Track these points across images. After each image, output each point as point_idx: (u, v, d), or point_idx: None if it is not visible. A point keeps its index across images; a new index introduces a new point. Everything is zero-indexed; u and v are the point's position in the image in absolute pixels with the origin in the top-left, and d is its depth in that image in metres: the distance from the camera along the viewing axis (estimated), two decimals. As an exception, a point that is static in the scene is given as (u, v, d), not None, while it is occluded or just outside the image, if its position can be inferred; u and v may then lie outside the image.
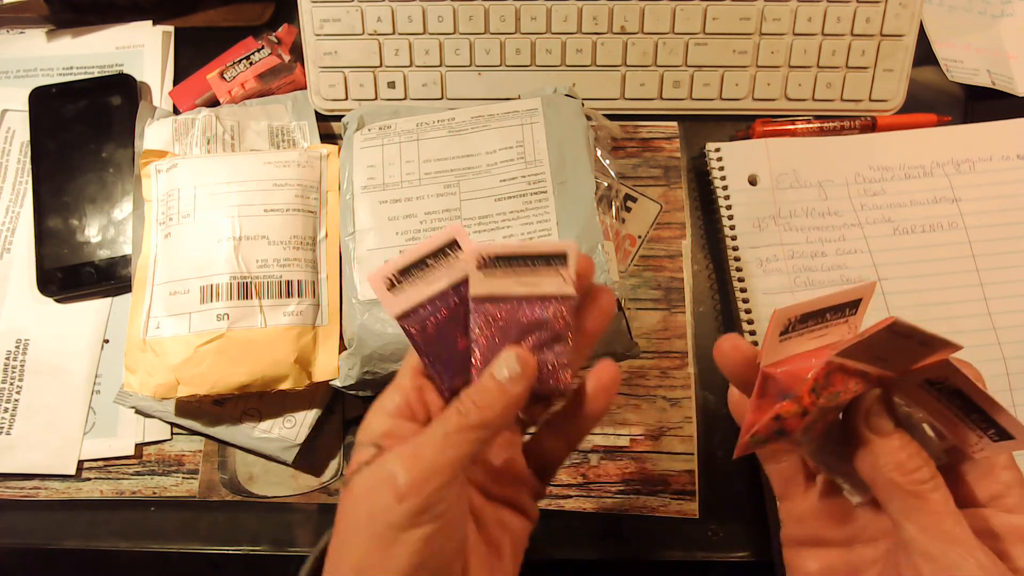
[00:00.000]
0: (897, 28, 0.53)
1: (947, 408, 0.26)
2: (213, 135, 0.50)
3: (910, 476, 0.25)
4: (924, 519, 0.25)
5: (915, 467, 0.25)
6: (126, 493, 0.47)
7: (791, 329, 0.26)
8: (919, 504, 0.25)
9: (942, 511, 0.25)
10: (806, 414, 0.26)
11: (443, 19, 0.53)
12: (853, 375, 0.26)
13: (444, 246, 0.28)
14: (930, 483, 0.25)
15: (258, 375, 0.44)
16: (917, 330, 0.24)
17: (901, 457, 0.25)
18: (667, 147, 0.54)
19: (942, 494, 0.25)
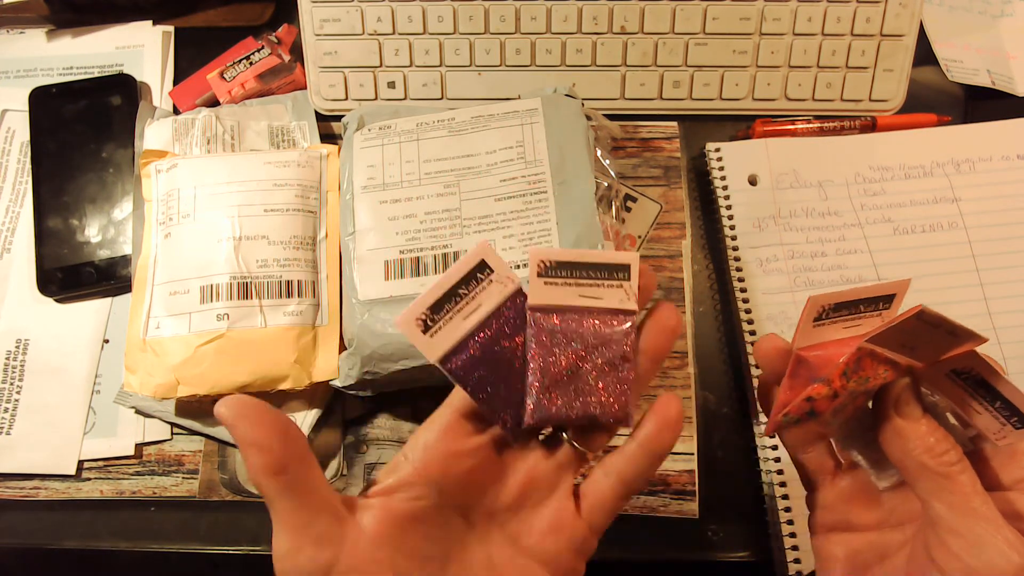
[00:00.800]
0: (897, 28, 0.53)
1: (971, 397, 0.27)
2: (213, 135, 0.50)
3: (939, 458, 0.26)
4: (952, 498, 0.26)
5: (943, 450, 0.26)
6: (126, 493, 0.47)
7: (824, 316, 0.27)
8: (947, 484, 0.26)
9: (970, 491, 0.25)
10: (836, 396, 0.27)
11: (443, 19, 0.53)
12: (883, 362, 0.27)
13: (474, 271, 0.26)
14: (958, 465, 0.26)
15: (258, 375, 0.44)
16: (944, 319, 0.25)
17: (930, 441, 0.26)
18: (667, 147, 0.54)
19: (969, 475, 0.26)
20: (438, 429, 0.28)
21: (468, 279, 0.26)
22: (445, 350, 0.26)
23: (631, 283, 0.27)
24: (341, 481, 0.47)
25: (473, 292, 0.26)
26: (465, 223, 0.45)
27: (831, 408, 0.28)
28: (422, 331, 0.26)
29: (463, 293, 0.26)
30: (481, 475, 0.28)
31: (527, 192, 0.45)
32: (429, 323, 0.26)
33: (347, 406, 0.49)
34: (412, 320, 0.26)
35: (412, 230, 0.45)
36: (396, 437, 0.48)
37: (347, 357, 0.45)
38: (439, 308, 0.26)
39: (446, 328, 0.26)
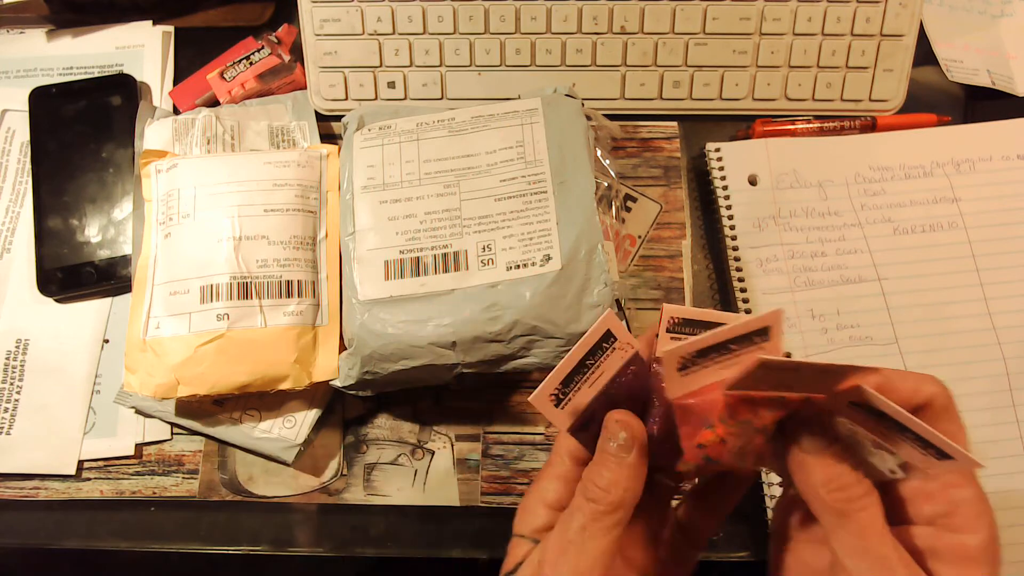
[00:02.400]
0: (897, 28, 0.53)
1: (883, 427, 0.25)
2: (213, 135, 0.50)
3: (836, 494, 0.25)
4: (848, 538, 0.25)
5: (844, 485, 0.25)
6: (126, 493, 0.47)
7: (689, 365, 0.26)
8: (844, 523, 0.25)
9: (868, 530, 0.24)
10: (725, 441, 0.26)
11: (443, 19, 0.53)
12: (762, 404, 0.26)
13: (600, 341, 0.27)
14: (859, 501, 0.25)
15: (258, 375, 0.44)
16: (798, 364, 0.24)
17: (830, 474, 0.25)
18: (667, 147, 0.54)
19: (871, 513, 0.25)
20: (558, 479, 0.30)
21: (595, 350, 0.27)
22: (574, 419, 0.27)
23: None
24: (341, 481, 0.47)
25: (598, 361, 0.27)
26: (465, 223, 0.45)
27: (726, 453, 0.27)
28: (555, 405, 0.27)
29: (590, 364, 0.27)
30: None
31: (527, 192, 0.45)
32: (560, 396, 0.27)
33: (347, 406, 0.49)
34: (546, 397, 0.27)
35: (412, 230, 0.45)
36: (396, 437, 0.48)
37: (347, 357, 0.45)
38: (569, 381, 0.27)
39: (575, 398, 0.27)
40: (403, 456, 0.48)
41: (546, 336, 0.42)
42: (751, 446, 0.27)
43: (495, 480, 0.47)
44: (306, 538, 0.47)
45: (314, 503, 0.47)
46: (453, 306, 0.43)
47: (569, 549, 0.26)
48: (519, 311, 0.42)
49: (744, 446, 0.27)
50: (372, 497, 0.47)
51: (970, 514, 0.25)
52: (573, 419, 0.28)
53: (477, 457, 0.48)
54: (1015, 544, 0.45)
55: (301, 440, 0.46)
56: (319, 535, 0.47)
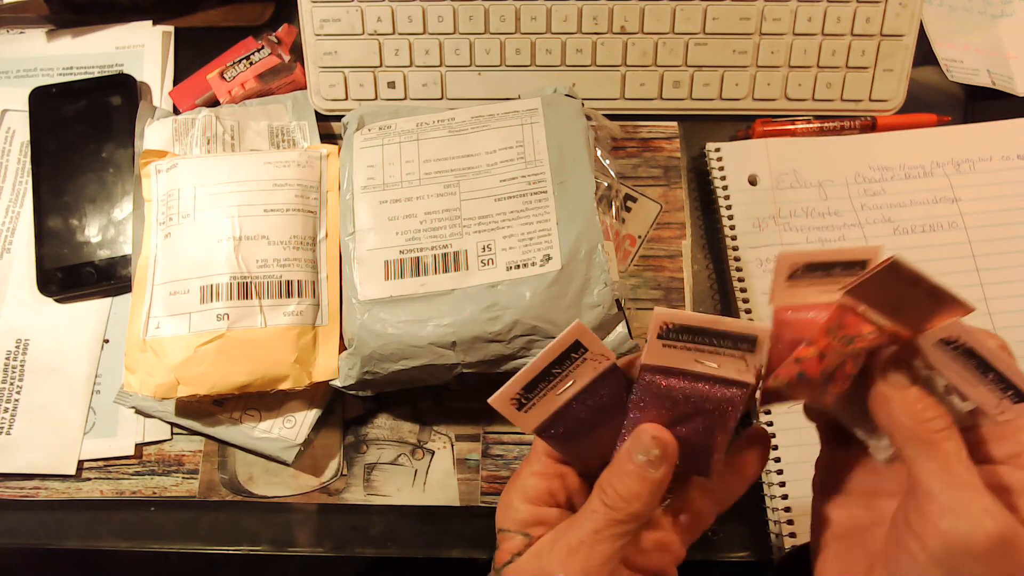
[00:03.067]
0: (897, 28, 0.53)
1: (965, 368, 0.26)
2: (213, 135, 0.50)
3: (924, 424, 0.25)
4: (933, 464, 0.25)
5: (929, 417, 0.26)
6: (126, 493, 0.47)
7: (798, 275, 0.26)
8: (930, 450, 0.25)
9: (953, 457, 0.25)
10: (823, 357, 0.27)
11: (443, 19, 0.53)
12: (866, 321, 0.26)
13: (568, 351, 0.27)
14: (943, 432, 0.25)
15: (258, 375, 0.44)
16: (921, 277, 0.24)
17: (916, 407, 0.26)
18: (667, 147, 0.54)
19: (955, 443, 0.25)
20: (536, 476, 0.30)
21: (562, 359, 0.27)
22: (538, 423, 0.28)
23: (755, 356, 0.26)
24: (341, 481, 0.47)
25: (567, 370, 0.27)
26: (465, 223, 0.45)
27: (820, 370, 0.27)
28: (516, 408, 0.27)
29: (556, 372, 0.27)
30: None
31: (527, 192, 0.45)
32: (523, 401, 0.27)
33: (347, 406, 0.49)
34: (506, 400, 0.27)
35: (412, 230, 0.45)
36: (396, 437, 0.48)
37: (347, 357, 0.45)
38: (533, 387, 0.27)
39: (540, 404, 0.27)
40: (403, 456, 0.48)
41: (546, 336, 0.42)
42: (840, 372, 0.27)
43: (495, 480, 0.47)
44: (306, 538, 0.47)
45: (314, 503, 0.47)
46: (453, 306, 0.43)
47: (581, 549, 0.27)
48: (519, 311, 0.42)
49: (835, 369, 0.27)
50: (372, 497, 0.47)
51: None
52: (538, 423, 0.28)
53: (477, 457, 0.48)
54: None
55: (301, 440, 0.46)
56: (319, 535, 0.47)
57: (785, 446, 0.45)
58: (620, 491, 0.27)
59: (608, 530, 0.27)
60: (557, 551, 0.27)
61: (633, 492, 0.27)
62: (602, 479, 0.28)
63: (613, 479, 0.27)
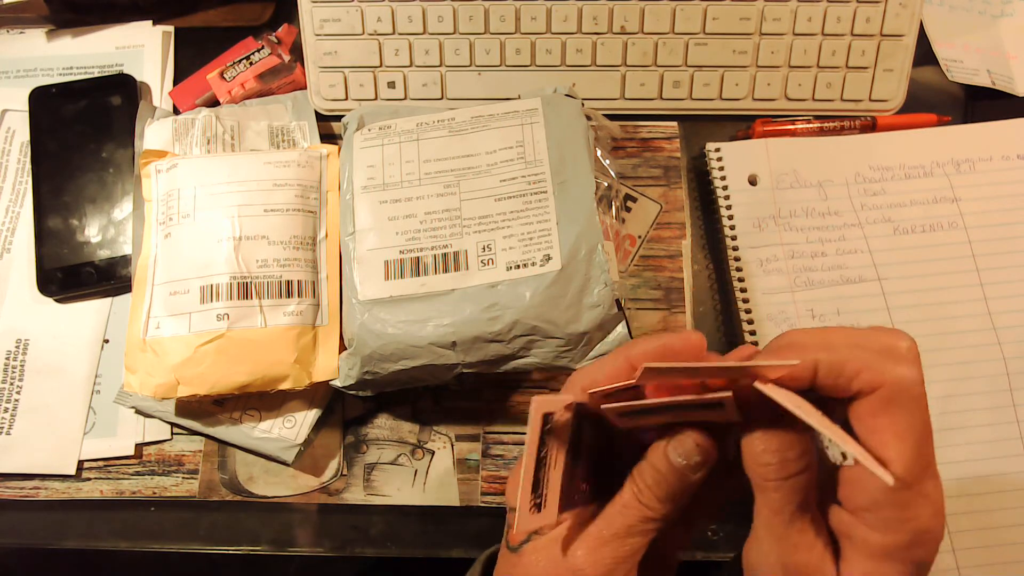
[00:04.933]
0: (897, 28, 0.53)
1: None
2: (213, 135, 0.50)
3: (760, 468, 0.25)
4: (763, 510, 0.26)
5: (766, 461, 0.25)
6: (126, 493, 0.47)
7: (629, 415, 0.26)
8: (761, 496, 0.26)
9: (776, 508, 0.25)
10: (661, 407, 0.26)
11: (443, 19, 0.53)
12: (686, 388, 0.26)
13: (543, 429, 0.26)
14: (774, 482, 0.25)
15: (258, 375, 0.44)
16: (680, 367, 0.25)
17: (757, 449, 0.25)
18: (667, 147, 0.54)
19: (783, 494, 0.25)
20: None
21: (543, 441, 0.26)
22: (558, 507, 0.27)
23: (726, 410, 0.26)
24: (341, 481, 0.47)
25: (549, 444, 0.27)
26: (465, 223, 0.45)
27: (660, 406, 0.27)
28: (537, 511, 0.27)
29: (543, 455, 0.27)
30: None
31: (527, 192, 0.45)
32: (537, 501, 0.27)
33: (347, 406, 0.49)
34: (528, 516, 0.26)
35: (412, 230, 0.45)
36: (396, 437, 0.48)
37: (347, 357, 0.45)
38: (537, 485, 0.26)
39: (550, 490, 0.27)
40: (403, 456, 0.48)
41: (546, 336, 0.42)
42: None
43: (495, 480, 0.47)
44: (306, 538, 0.47)
45: (314, 503, 0.47)
46: (453, 306, 0.43)
47: (612, 542, 0.27)
48: (519, 311, 0.42)
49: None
50: (372, 497, 0.47)
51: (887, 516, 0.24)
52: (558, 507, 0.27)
53: (477, 457, 0.47)
54: (1016, 544, 0.45)
55: (301, 440, 0.46)
56: (319, 535, 0.47)
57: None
58: (656, 491, 0.27)
59: (641, 526, 0.27)
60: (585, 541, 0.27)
61: (669, 492, 0.27)
62: (636, 476, 0.27)
63: (648, 478, 0.27)
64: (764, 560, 0.26)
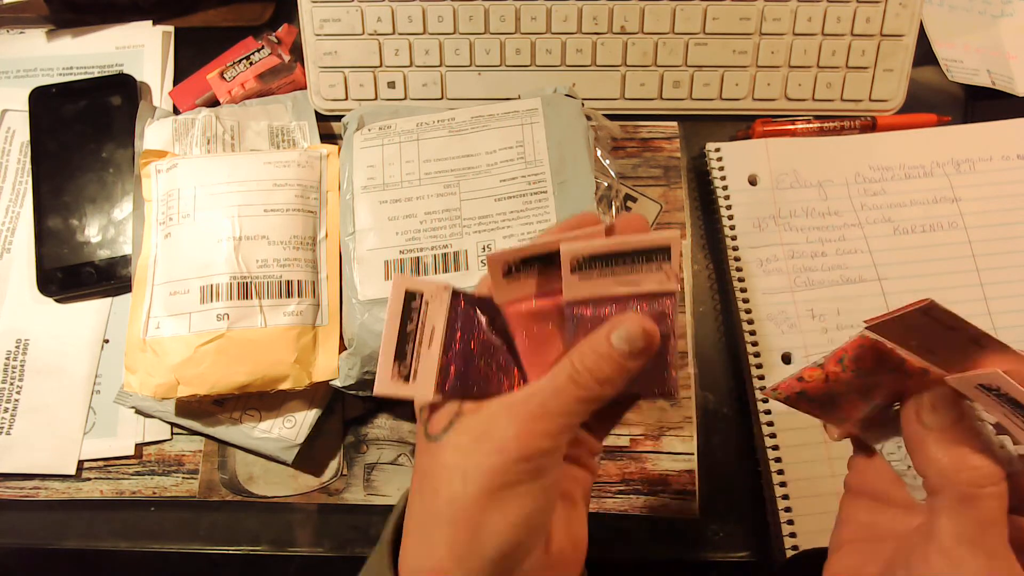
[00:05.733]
0: (897, 28, 0.53)
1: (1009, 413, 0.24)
2: (213, 135, 0.50)
3: (965, 475, 0.24)
4: (966, 524, 0.23)
5: (972, 466, 0.24)
6: (126, 493, 0.47)
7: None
8: (965, 508, 0.23)
9: (987, 519, 0.23)
10: (828, 381, 0.26)
11: (443, 19, 0.53)
12: (891, 357, 0.26)
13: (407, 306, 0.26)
14: (987, 489, 0.23)
15: (258, 375, 0.44)
16: (960, 322, 0.23)
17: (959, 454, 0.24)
18: (667, 147, 0.54)
19: (996, 503, 0.23)
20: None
21: (406, 316, 0.26)
22: (434, 384, 0.27)
23: (671, 264, 0.26)
24: (341, 481, 0.47)
25: (419, 322, 0.26)
26: (465, 223, 0.45)
27: (823, 392, 0.27)
28: (404, 383, 0.26)
29: (411, 329, 0.26)
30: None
31: (527, 192, 0.45)
32: (404, 371, 0.26)
33: (347, 406, 0.49)
34: (388, 381, 0.26)
35: (412, 230, 0.45)
36: (396, 437, 0.48)
37: (347, 357, 0.45)
38: (403, 355, 0.26)
39: (422, 365, 0.26)
40: (403, 456, 0.48)
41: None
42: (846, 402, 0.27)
43: (495, 480, 0.47)
44: (306, 538, 0.47)
45: (314, 503, 0.47)
46: (453, 306, 0.43)
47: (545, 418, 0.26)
48: (519, 311, 0.42)
49: (840, 397, 0.27)
50: (372, 497, 0.47)
51: None
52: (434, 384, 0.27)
53: (477, 457, 0.47)
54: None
55: (301, 440, 0.46)
56: (319, 535, 0.47)
57: (786, 446, 0.45)
58: (595, 373, 0.26)
59: (575, 406, 0.26)
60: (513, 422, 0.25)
61: (607, 376, 0.26)
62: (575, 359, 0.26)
63: (588, 359, 0.26)
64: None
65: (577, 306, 0.27)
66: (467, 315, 0.27)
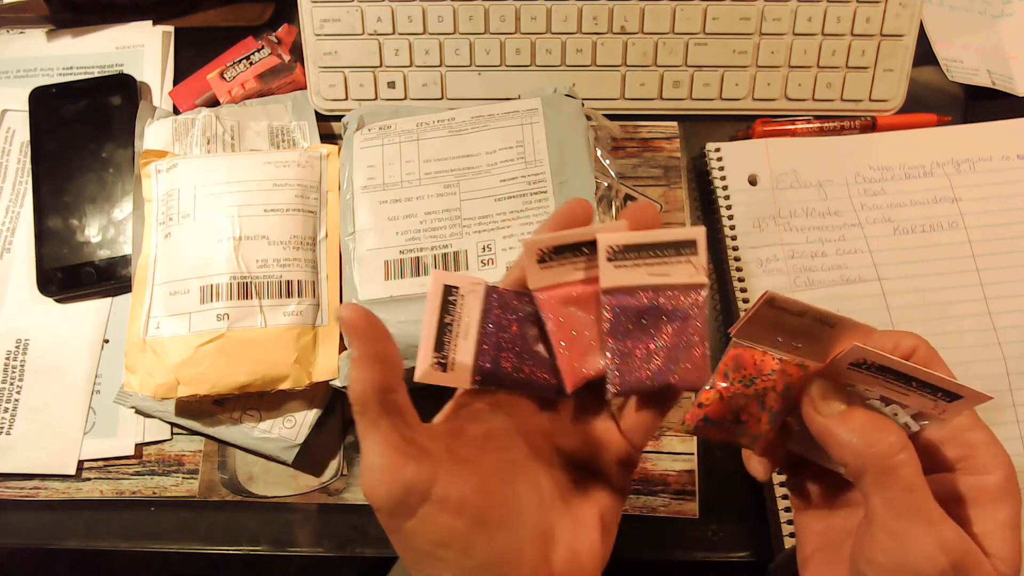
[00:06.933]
0: (897, 28, 0.53)
1: (888, 382, 0.26)
2: (213, 135, 0.50)
3: (877, 448, 0.25)
4: (891, 493, 0.24)
5: (880, 439, 0.25)
6: (126, 493, 0.47)
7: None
8: (885, 479, 0.25)
9: (910, 484, 0.24)
10: (723, 399, 0.28)
11: (443, 19, 0.53)
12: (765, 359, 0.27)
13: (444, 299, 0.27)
14: (900, 455, 0.24)
15: (258, 375, 0.44)
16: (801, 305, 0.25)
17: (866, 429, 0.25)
18: (667, 147, 0.54)
19: (911, 467, 0.24)
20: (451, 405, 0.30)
21: (444, 308, 0.27)
22: (470, 372, 0.28)
23: (699, 257, 0.28)
24: (341, 481, 0.47)
25: (456, 314, 0.28)
26: (465, 223, 0.45)
27: (726, 411, 0.28)
28: (442, 371, 0.27)
29: (449, 321, 0.28)
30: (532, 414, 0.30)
31: (527, 192, 0.45)
32: (442, 362, 0.27)
33: (347, 406, 0.49)
34: (428, 369, 0.27)
35: (412, 230, 0.45)
36: (396, 437, 0.48)
37: (347, 357, 0.45)
38: (441, 346, 0.27)
39: (459, 355, 0.28)
40: (403, 456, 0.48)
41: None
42: (748, 415, 0.28)
43: (495, 480, 0.47)
44: (306, 538, 0.47)
45: (314, 503, 0.47)
46: (453, 306, 0.43)
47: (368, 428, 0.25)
48: (519, 311, 0.42)
49: (741, 411, 0.28)
50: (372, 497, 0.47)
51: (987, 454, 0.25)
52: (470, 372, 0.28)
53: (477, 457, 0.47)
54: (1015, 544, 0.45)
55: (301, 440, 0.46)
56: (319, 535, 0.47)
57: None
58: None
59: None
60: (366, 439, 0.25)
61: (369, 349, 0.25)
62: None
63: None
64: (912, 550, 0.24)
65: (612, 294, 0.28)
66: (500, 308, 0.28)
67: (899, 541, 0.24)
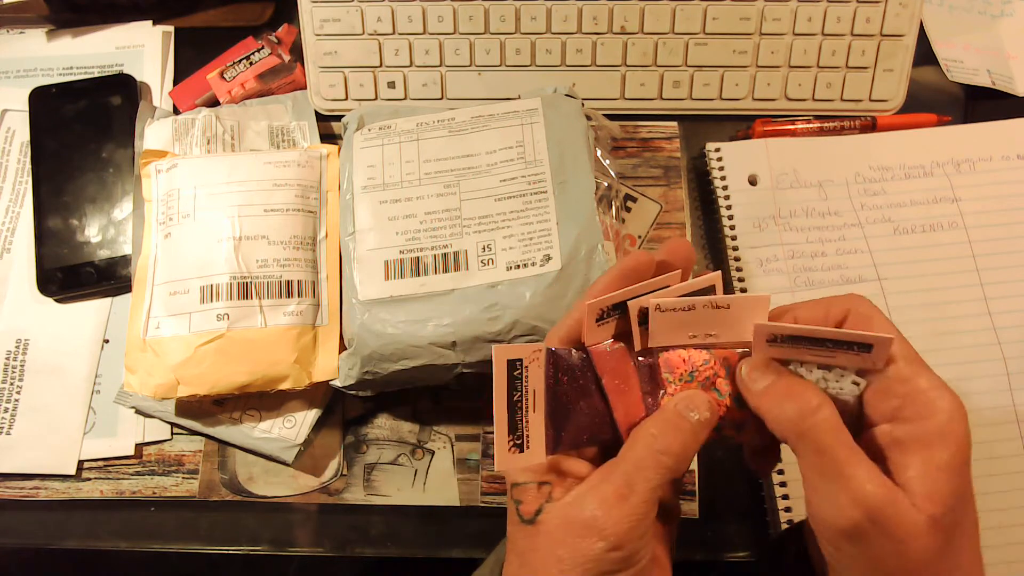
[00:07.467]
0: (897, 28, 0.53)
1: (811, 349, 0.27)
2: (213, 135, 0.50)
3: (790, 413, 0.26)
4: (808, 455, 0.26)
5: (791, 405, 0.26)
6: (126, 493, 0.47)
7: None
8: (805, 442, 0.26)
9: (821, 446, 0.25)
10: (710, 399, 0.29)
11: (443, 19, 0.53)
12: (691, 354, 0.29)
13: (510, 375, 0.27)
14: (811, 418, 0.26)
15: (258, 375, 0.44)
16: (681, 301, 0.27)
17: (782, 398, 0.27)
18: (667, 147, 0.54)
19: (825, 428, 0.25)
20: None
21: (511, 386, 0.27)
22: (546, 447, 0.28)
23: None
24: (341, 481, 0.47)
25: (522, 389, 0.27)
26: (465, 223, 0.45)
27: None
28: (519, 452, 0.27)
29: (517, 399, 0.27)
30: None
31: (527, 192, 0.45)
32: (518, 442, 0.27)
33: (347, 406, 0.49)
34: (507, 455, 0.27)
35: (412, 230, 0.45)
36: (396, 437, 0.48)
37: (347, 357, 0.45)
38: (515, 427, 0.27)
39: (531, 431, 0.28)
40: (403, 456, 0.48)
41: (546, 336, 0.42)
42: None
43: (495, 480, 0.47)
44: (306, 538, 0.47)
45: (314, 503, 0.47)
46: (453, 306, 0.43)
47: (631, 497, 0.27)
48: (519, 311, 0.42)
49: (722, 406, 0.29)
50: (372, 497, 0.47)
51: (925, 399, 0.26)
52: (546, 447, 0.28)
53: (477, 457, 0.47)
54: (1017, 544, 0.45)
55: (301, 440, 0.46)
56: (319, 535, 0.47)
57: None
58: (674, 447, 0.27)
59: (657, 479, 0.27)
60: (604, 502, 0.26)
61: (685, 446, 0.27)
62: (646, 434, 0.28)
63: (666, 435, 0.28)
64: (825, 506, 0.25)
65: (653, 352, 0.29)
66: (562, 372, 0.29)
67: (819, 498, 0.26)
